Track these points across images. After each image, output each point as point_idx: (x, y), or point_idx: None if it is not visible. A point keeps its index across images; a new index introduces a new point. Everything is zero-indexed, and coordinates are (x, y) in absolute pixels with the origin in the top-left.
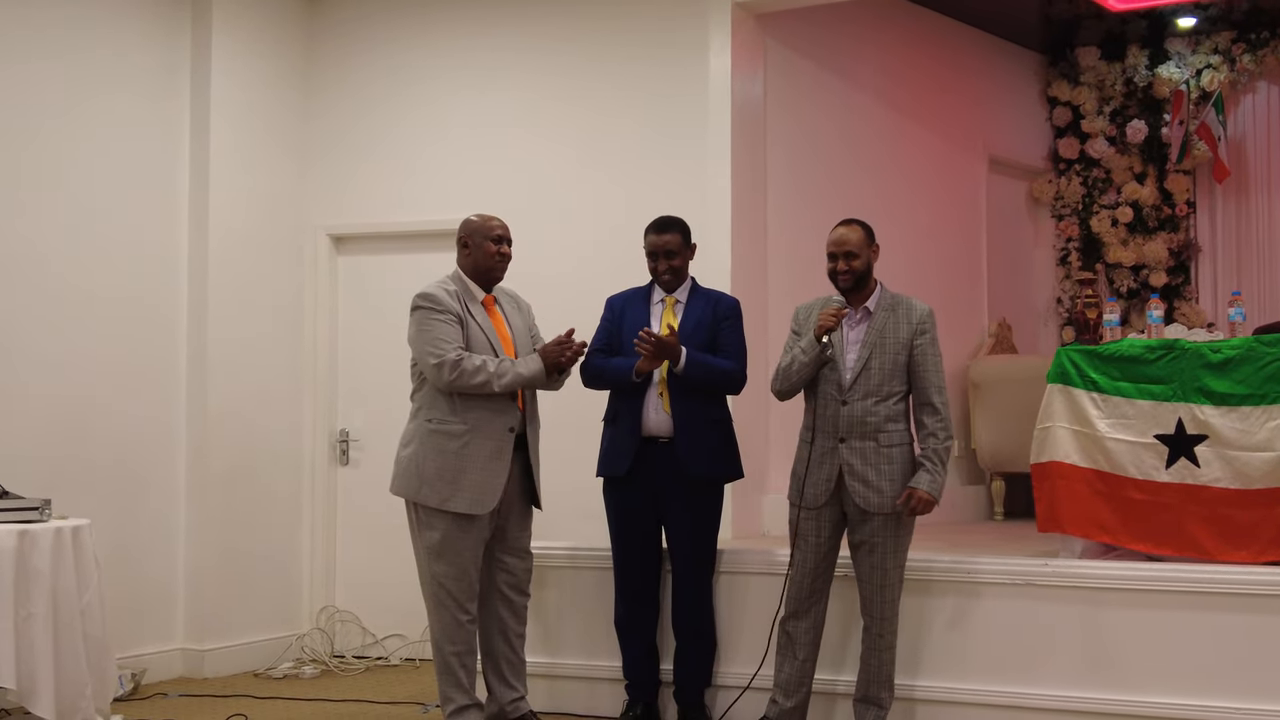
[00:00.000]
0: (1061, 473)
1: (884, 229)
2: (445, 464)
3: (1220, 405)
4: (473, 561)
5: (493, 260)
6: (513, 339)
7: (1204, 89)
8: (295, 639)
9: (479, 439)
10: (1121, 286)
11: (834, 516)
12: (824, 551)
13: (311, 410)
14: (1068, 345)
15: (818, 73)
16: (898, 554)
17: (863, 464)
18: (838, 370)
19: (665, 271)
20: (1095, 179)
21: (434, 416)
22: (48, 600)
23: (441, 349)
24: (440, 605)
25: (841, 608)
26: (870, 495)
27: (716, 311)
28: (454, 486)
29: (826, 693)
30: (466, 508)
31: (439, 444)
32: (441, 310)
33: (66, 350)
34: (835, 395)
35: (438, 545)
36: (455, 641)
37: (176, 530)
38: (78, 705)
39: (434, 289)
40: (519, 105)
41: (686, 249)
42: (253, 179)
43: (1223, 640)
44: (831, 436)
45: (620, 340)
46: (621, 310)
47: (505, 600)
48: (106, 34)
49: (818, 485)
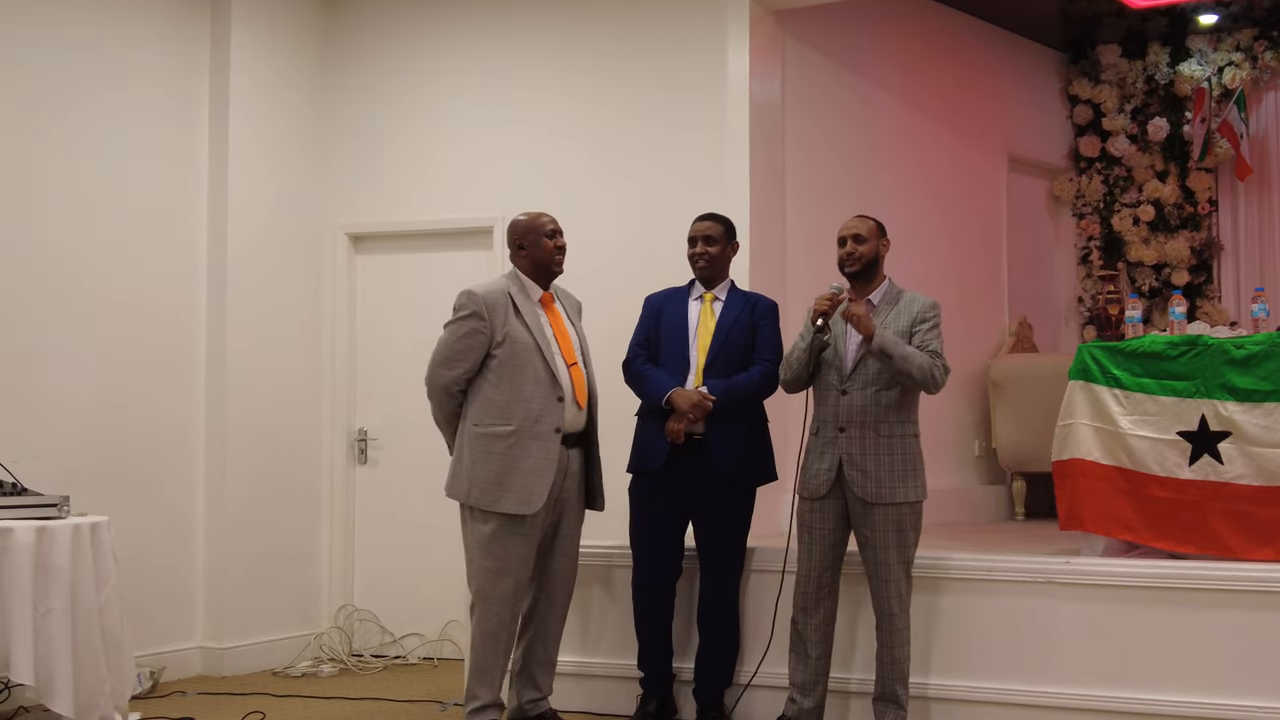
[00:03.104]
0: (1083, 470)
1: (903, 228)
2: (492, 466)
3: (1244, 401)
4: (522, 561)
5: (551, 255)
6: (572, 337)
7: (1226, 86)
8: (313, 638)
9: (525, 440)
10: (1143, 285)
11: (838, 509)
12: (829, 544)
13: (330, 409)
14: (1089, 342)
15: (837, 71)
16: (902, 548)
17: (862, 454)
18: (839, 359)
19: (701, 256)
20: (1116, 177)
21: (480, 420)
22: (66, 597)
23: (436, 371)
24: (484, 602)
25: (850, 605)
26: (869, 485)
27: (755, 312)
28: (501, 488)
29: (839, 691)
30: (514, 508)
31: (486, 446)
32: (469, 317)
33: (85, 350)
34: (836, 385)
35: (487, 543)
36: (494, 640)
37: (195, 529)
38: (96, 702)
39: (479, 287)
40: (537, 104)
41: (727, 243)
42: (271, 178)
43: (1248, 638)
44: (832, 426)
45: (659, 337)
46: (660, 308)
47: (549, 598)
48: (125, 33)
49: (819, 475)
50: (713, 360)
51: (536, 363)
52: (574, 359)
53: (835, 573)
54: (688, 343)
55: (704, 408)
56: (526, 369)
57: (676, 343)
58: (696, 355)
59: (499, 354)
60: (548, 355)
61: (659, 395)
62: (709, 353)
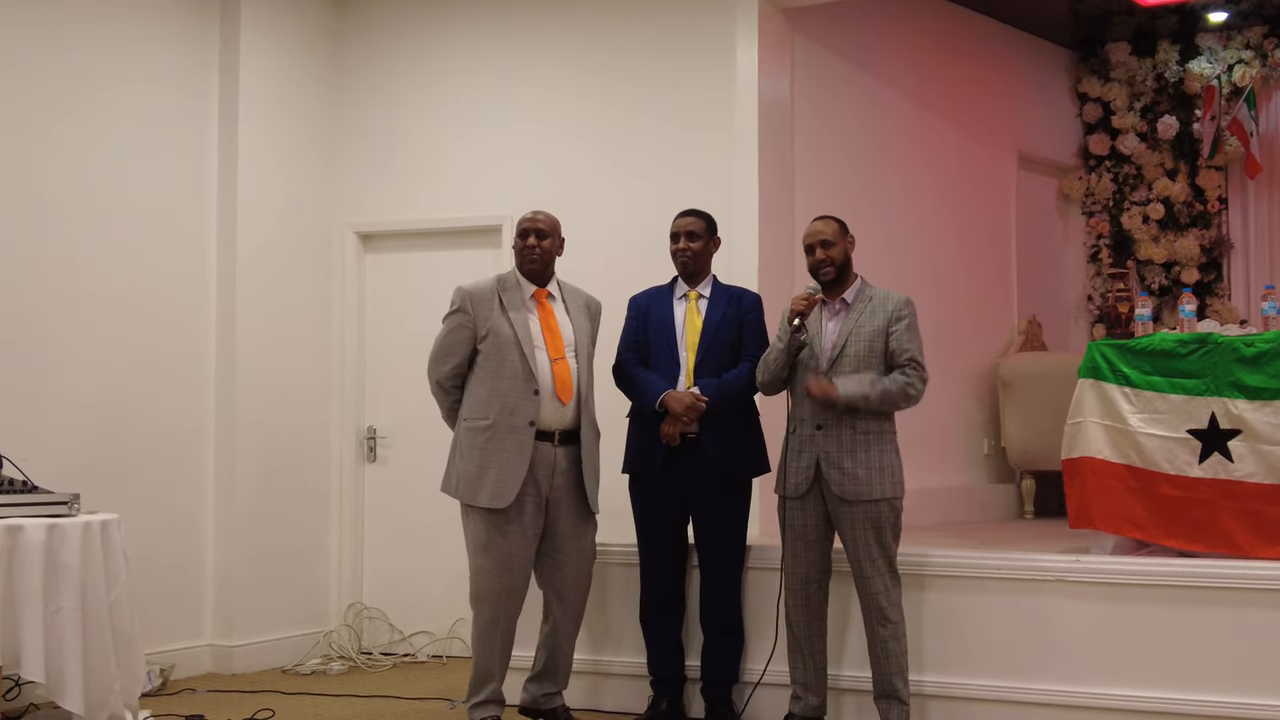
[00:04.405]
0: (1093, 468)
1: (912, 226)
2: (473, 460)
3: (1254, 400)
4: (512, 558)
5: (520, 255)
6: (565, 333)
7: (1235, 84)
8: (323, 635)
9: (501, 433)
10: (1153, 284)
11: (819, 507)
12: (813, 541)
13: (339, 408)
14: (1099, 340)
15: (846, 69)
16: (883, 545)
17: (839, 451)
18: (815, 359)
19: (684, 251)
20: (1126, 175)
21: (467, 414)
22: (77, 594)
23: (430, 366)
24: (477, 598)
25: (841, 603)
26: (846, 483)
27: (740, 307)
28: (479, 481)
29: (831, 688)
30: (488, 501)
31: (469, 440)
32: (455, 312)
33: (96, 349)
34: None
35: (477, 539)
36: (487, 636)
37: (205, 527)
38: (106, 700)
39: (470, 284)
40: (545, 103)
41: (709, 238)
42: (281, 177)
43: (1258, 637)
44: (810, 424)
45: (647, 338)
46: (646, 308)
47: (560, 599)
48: (134, 32)
49: (798, 474)
50: (702, 359)
51: (514, 356)
52: (560, 354)
53: (823, 570)
54: (676, 343)
55: (698, 409)
56: (505, 363)
57: (665, 343)
58: (686, 355)
59: (483, 348)
60: (526, 349)
61: (652, 399)
62: (698, 352)
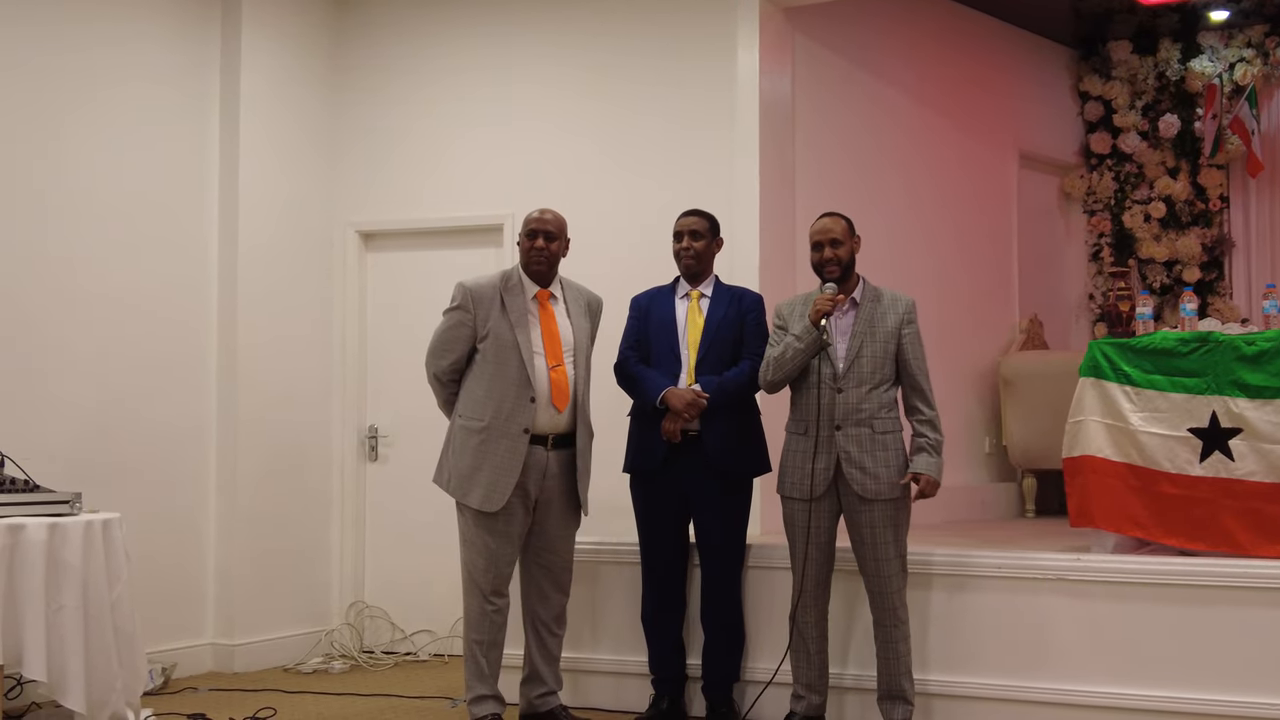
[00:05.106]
0: (1094, 467)
1: (913, 225)
2: (467, 459)
3: (1255, 398)
4: (498, 555)
5: (526, 255)
6: (565, 337)
7: (1237, 83)
8: (324, 634)
9: (494, 437)
10: (1154, 282)
11: (831, 507)
12: (822, 542)
13: (341, 407)
14: (1100, 339)
15: (847, 68)
16: (898, 543)
17: (859, 451)
18: (831, 359)
19: (687, 251)
20: (1127, 174)
21: (463, 412)
22: (78, 593)
23: (428, 360)
24: (468, 593)
25: (843, 602)
26: (868, 482)
27: (741, 307)
28: (471, 482)
29: (834, 687)
30: (478, 503)
31: (463, 439)
32: (456, 309)
33: (97, 348)
34: (830, 384)
35: (467, 534)
36: (479, 630)
37: (207, 526)
38: (108, 698)
39: (471, 279)
40: (546, 102)
41: (711, 238)
42: (282, 176)
43: (1259, 635)
44: (827, 425)
45: (648, 337)
46: (647, 308)
47: (543, 597)
48: (135, 31)
49: (817, 475)
50: (703, 357)
51: (514, 362)
52: (559, 360)
53: (828, 569)
54: (678, 341)
55: (699, 406)
56: (504, 367)
57: (666, 342)
58: (687, 353)
59: (482, 348)
60: (526, 355)
61: (653, 396)
62: (699, 350)
